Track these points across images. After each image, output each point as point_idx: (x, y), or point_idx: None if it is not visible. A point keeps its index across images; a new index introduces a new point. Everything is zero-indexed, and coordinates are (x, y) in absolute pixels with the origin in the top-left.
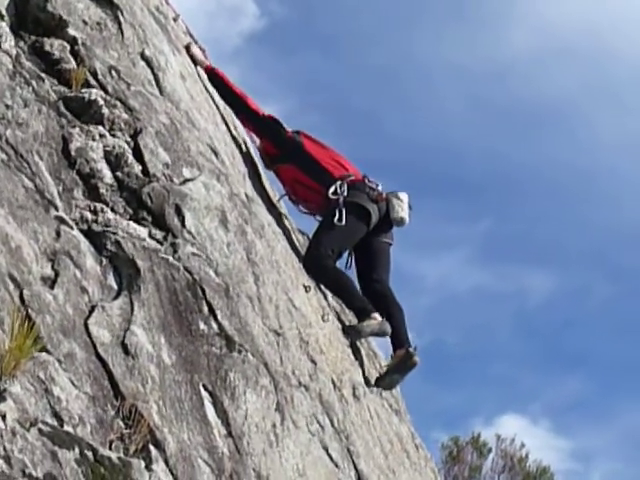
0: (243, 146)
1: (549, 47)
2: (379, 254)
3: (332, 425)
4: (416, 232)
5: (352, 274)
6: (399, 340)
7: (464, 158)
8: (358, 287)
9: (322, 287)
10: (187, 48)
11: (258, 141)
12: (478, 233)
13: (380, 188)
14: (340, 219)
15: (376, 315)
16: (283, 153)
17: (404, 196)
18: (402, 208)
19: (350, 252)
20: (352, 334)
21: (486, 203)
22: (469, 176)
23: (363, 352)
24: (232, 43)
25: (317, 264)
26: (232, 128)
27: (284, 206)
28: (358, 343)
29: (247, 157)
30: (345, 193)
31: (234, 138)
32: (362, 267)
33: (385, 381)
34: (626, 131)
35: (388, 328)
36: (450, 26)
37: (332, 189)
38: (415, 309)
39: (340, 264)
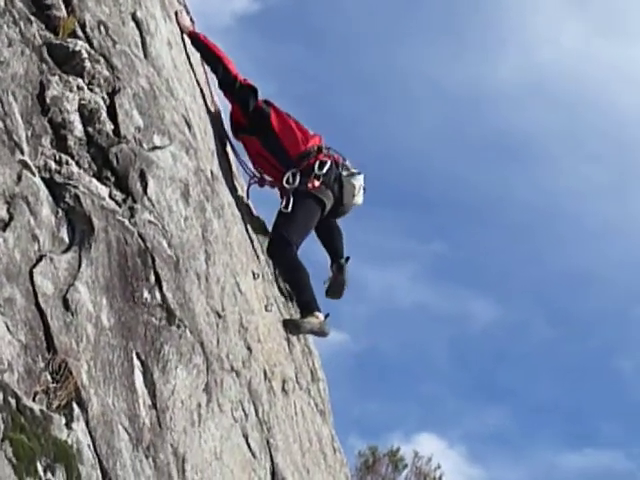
0: (216, 123)
1: (529, 84)
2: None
3: (256, 415)
4: (367, 239)
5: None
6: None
7: (428, 176)
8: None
9: (275, 274)
10: (176, 14)
11: (230, 107)
12: (429, 252)
13: (340, 169)
14: (287, 207)
15: (319, 314)
16: (250, 123)
17: (359, 180)
18: (355, 193)
19: None
20: (291, 328)
21: (442, 224)
22: (430, 195)
23: (299, 348)
24: (223, 21)
25: (280, 251)
26: (209, 103)
27: (246, 188)
28: (295, 338)
29: (218, 134)
30: (297, 182)
31: (209, 113)
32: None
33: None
34: (587, 178)
35: (327, 330)
36: (438, 42)
37: (285, 177)
38: (354, 315)
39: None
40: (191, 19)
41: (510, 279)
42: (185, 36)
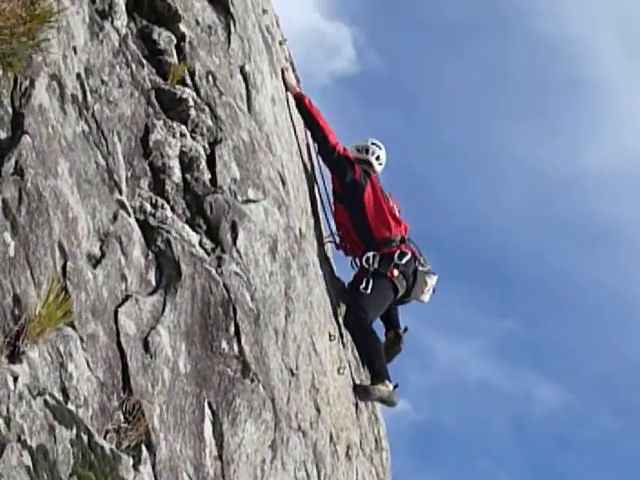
0: (311, 182)
1: (621, 170)
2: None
3: (318, 477)
4: (440, 310)
5: None
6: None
7: (509, 253)
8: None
9: (350, 340)
10: (283, 73)
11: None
12: (500, 329)
13: (416, 263)
14: (366, 288)
15: (389, 384)
16: (344, 193)
17: (432, 280)
18: (424, 290)
19: None
20: (361, 394)
21: (517, 302)
22: (509, 272)
23: (366, 414)
24: (321, 80)
25: (357, 320)
26: (306, 162)
27: (330, 249)
28: (363, 404)
29: (311, 194)
30: (376, 265)
31: (305, 171)
32: None
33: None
34: None
35: (396, 400)
36: (529, 121)
37: (365, 257)
38: (419, 384)
39: None
40: (297, 77)
41: (580, 365)
42: (290, 95)
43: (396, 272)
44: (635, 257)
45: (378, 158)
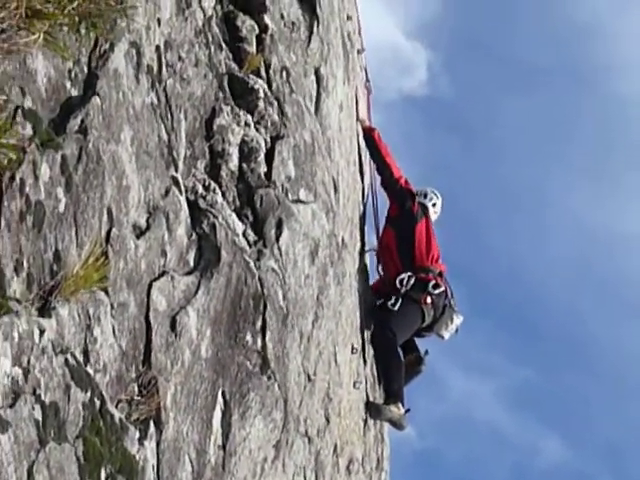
0: (360, 193)
1: None
2: None
3: None
4: (463, 344)
5: None
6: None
7: (542, 303)
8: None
9: (372, 356)
10: (356, 101)
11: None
12: (518, 376)
13: (446, 300)
14: (394, 305)
15: (401, 407)
16: (398, 219)
17: (458, 319)
18: (448, 328)
19: None
20: (373, 411)
21: (541, 355)
22: (538, 321)
23: (373, 432)
24: (389, 95)
25: (383, 338)
26: (361, 173)
27: (368, 262)
28: (372, 422)
29: (359, 205)
30: (409, 287)
31: (357, 183)
32: None
33: None
34: None
35: (406, 424)
36: (588, 177)
37: (400, 278)
38: (427, 413)
39: None
40: (368, 88)
41: (590, 427)
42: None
43: (429, 299)
44: None
45: (434, 205)
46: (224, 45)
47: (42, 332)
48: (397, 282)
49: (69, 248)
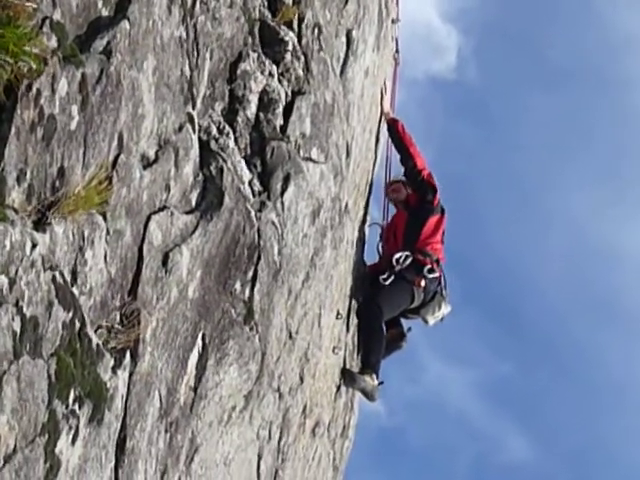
0: (372, 164)
1: None
2: None
3: (279, 442)
4: (447, 330)
5: None
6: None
7: (534, 304)
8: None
9: (355, 325)
10: (381, 94)
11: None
12: (498, 370)
13: (439, 287)
14: (386, 280)
15: (375, 378)
16: (416, 209)
17: (446, 308)
18: (434, 315)
19: None
20: (348, 379)
21: (523, 351)
22: (527, 320)
23: (344, 399)
24: (415, 74)
25: (369, 312)
26: (375, 142)
27: (368, 234)
28: (345, 389)
29: (368, 175)
30: (404, 266)
31: (370, 151)
32: None
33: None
34: None
35: (377, 396)
36: (597, 185)
37: (397, 256)
38: (399, 393)
39: None
40: (396, 59)
41: (559, 431)
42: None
43: (422, 282)
44: None
45: None
46: None
47: (34, 245)
48: (394, 259)
49: (74, 167)
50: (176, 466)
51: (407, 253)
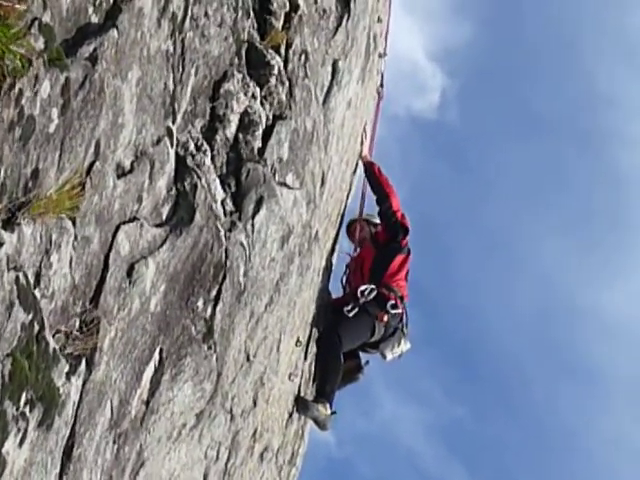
0: (346, 195)
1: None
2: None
3: (226, 463)
4: (405, 367)
5: None
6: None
7: (493, 351)
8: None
9: (313, 353)
10: (362, 137)
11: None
12: (452, 413)
13: (400, 324)
14: (350, 312)
15: (329, 408)
16: (383, 246)
17: (405, 346)
18: (393, 351)
19: None
20: (301, 406)
21: (479, 397)
22: (485, 367)
23: (295, 427)
24: (396, 110)
25: (329, 341)
26: (351, 174)
27: (334, 263)
28: (297, 417)
29: (341, 205)
30: (369, 299)
31: (346, 182)
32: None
33: None
34: None
35: (329, 426)
36: (568, 235)
37: (363, 288)
38: (353, 425)
39: None
40: (379, 92)
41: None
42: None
43: (385, 317)
44: (602, 405)
45: None
46: (252, 13)
47: (0, 244)
48: (359, 291)
49: (49, 170)
50: (121, 478)
51: (372, 286)
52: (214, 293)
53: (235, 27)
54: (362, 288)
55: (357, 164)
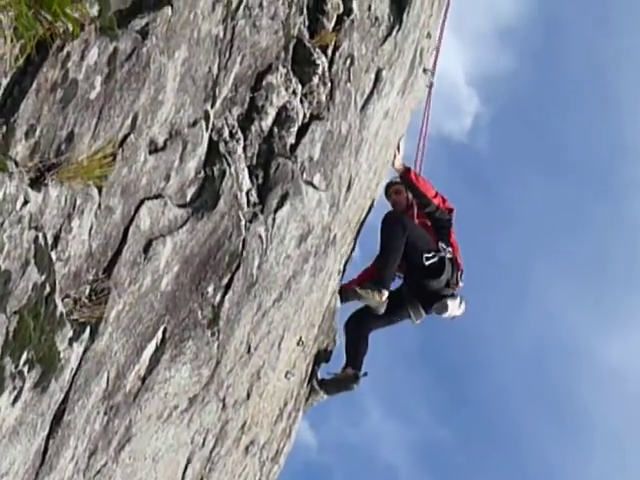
0: (368, 205)
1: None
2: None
3: (210, 452)
4: (398, 384)
5: None
6: (354, 361)
7: (486, 381)
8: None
9: (313, 355)
10: (395, 154)
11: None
12: (436, 433)
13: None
14: (428, 260)
15: (383, 293)
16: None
17: (460, 309)
18: (458, 308)
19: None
20: (350, 295)
21: (464, 421)
22: (475, 394)
23: (284, 425)
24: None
25: (394, 234)
26: (377, 185)
27: (346, 270)
28: (286, 415)
29: (362, 213)
30: (448, 254)
31: (371, 190)
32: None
33: (327, 386)
34: None
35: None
36: (579, 283)
37: (443, 245)
38: (339, 431)
39: None
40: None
41: None
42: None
43: (460, 283)
44: (584, 451)
45: None
46: (305, 11)
47: (26, 202)
48: (440, 246)
49: (83, 136)
50: (106, 450)
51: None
52: (225, 281)
53: (287, 22)
54: (443, 245)
55: (382, 175)
